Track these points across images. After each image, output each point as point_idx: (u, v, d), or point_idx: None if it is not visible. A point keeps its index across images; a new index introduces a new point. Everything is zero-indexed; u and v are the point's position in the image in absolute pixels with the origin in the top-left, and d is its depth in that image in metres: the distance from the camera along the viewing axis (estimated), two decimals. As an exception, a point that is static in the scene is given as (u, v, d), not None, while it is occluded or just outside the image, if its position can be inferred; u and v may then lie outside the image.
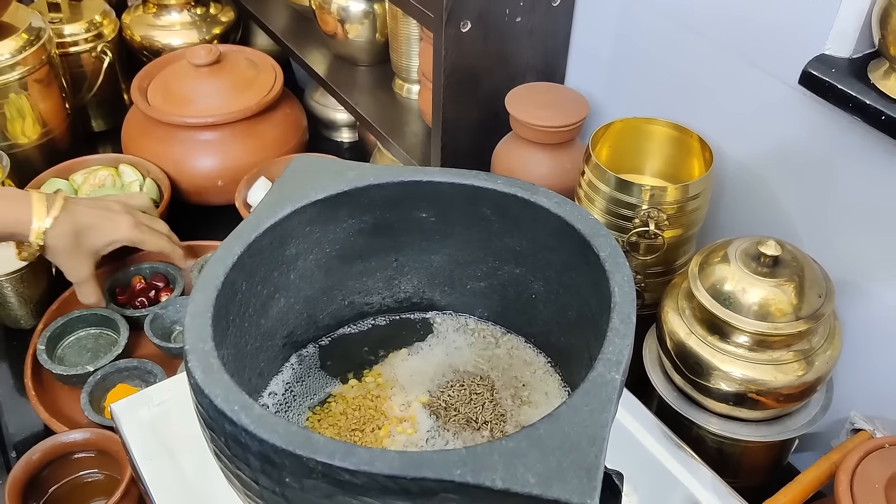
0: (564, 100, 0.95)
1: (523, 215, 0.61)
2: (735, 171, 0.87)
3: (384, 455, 0.43)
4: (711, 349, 0.73)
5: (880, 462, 0.68)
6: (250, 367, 0.62)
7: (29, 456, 0.79)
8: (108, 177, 1.16)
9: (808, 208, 0.81)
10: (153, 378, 0.90)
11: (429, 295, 0.71)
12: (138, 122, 1.21)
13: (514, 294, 0.68)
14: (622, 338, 0.50)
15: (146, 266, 1.05)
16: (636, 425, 0.70)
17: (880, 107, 0.66)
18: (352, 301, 0.70)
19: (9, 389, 0.96)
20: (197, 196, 1.20)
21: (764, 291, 0.71)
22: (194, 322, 0.51)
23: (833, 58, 0.71)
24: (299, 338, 0.68)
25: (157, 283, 1.04)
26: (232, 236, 0.57)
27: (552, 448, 0.44)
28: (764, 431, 0.76)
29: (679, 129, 0.87)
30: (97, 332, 0.98)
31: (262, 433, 0.45)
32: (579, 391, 0.47)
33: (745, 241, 0.74)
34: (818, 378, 0.73)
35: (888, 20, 0.65)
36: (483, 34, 0.93)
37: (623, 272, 0.54)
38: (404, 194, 0.64)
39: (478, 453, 0.44)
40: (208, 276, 0.54)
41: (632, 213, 0.80)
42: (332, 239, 0.65)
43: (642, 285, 0.85)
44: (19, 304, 0.99)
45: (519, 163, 0.95)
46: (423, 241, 0.67)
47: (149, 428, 0.69)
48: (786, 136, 0.80)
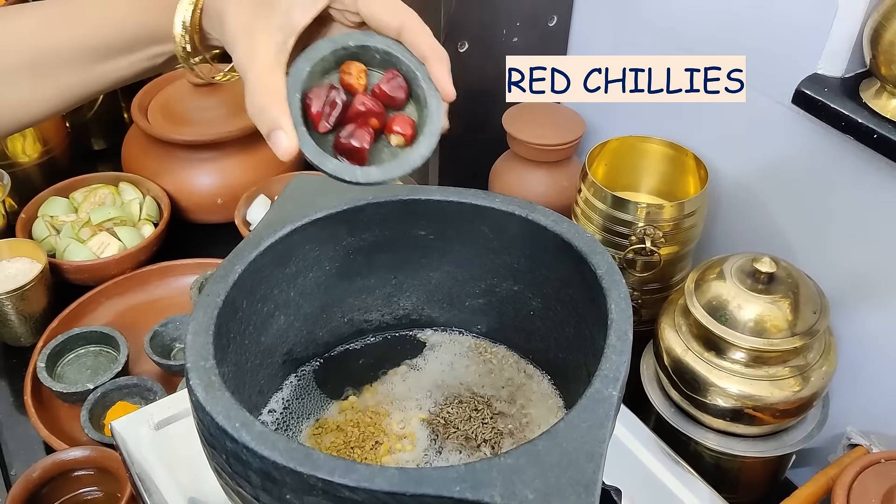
0: (561, 119, 0.96)
1: (521, 233, 0.62)
2: (730, 188, 0.88)
3: (384, 472, 0.44)
4: (708, 365, 0.74)
5: (876, 477, 0.68)
6: (250, 385, 0.62)
7: (29, 473, 0.79)
8: (109, 195, 1.17)
9: (803, 225, 0.82)
10: (153, 395, 0.91)
11: (427, 312, 0.72)
12: (138, 140, 1.22)
13: (512, 311, 0.68)
14: (619, 354, 0.51)
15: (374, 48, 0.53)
16: (634, 441, 0.71)
17: (872, 125, 0.67)
18: (351, 318, 0.70)
19: (8, 407, 0.96)
20: (196, 214, 1.20)
21: (759, 308, 0.71)
22: (196, 340, 0.52)
23: (825, 77, 0.72)
24: (299, 355, 0.68)
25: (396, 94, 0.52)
26: (233, 255, 0.58)
27: (550, 464, 0.44)
28: (761, 447, 0.76)
29: (674, 148, 0.88)
30: (97, 349, 0.99)
31: (263, 450, 0.45)
32: (577, 408, 0.48)
33: (740, 257, 0.75)
34: (814, 393, 0.73)
35: (879, 40, 0.66)
36: (480, 54, 0.94)
37: (620, 289, 0.54)
38: (403, 213, 0.64)
39: (477, 470, 0.44)
40: (209, 294, 0.55)
41: (628, 231, 0.81)
42: (331, 257, 0.65)
43: (639, 302, 0.86)
44: (20, 321, 0.99)
45: (516, 181, 0.96)
46: (422, 258, 0.68)
47: (149, 445, 0.69)
48: (780, 154, 0.81)
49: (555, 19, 0.98)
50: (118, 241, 1.09)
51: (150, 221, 1.14)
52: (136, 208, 1.15)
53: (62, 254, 1.07)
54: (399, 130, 0.52)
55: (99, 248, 1.08)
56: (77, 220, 1.12)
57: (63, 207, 1.15)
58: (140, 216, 1.14)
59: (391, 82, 0.52)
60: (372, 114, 0.52)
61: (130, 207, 1.15)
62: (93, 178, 1.20)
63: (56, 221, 1.12)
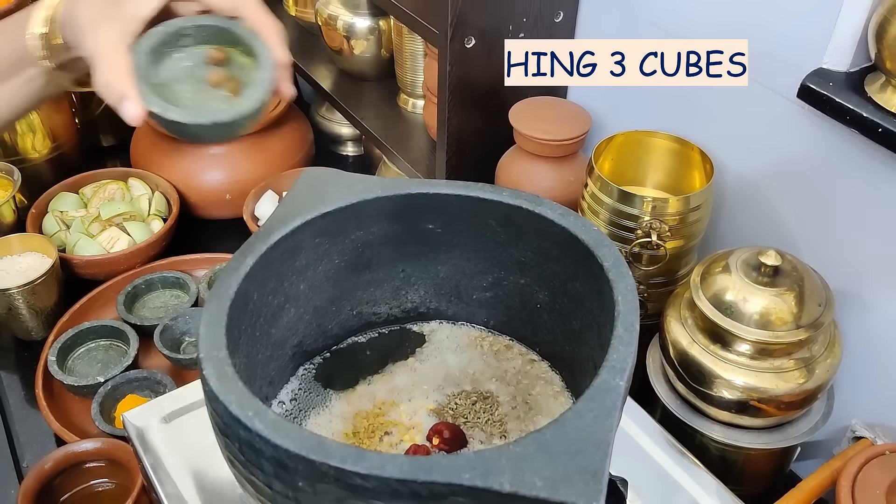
0: (567, 114, 0.97)
1: (528, 226, 0.63)
2: (735, 182, 0.88)
3: (395, 459, 0.44)
4: (713, 358, 0.74)
5: (881, 469, 0.69)
6: (261, 376, 0.63)
7: (42, 465, 0.80)
8: (118, 190, 1.18)
9: (808, 219, 0.82)
10: (163, 388, 0.92)
11: (435, 305, 0.72)
12: (147, 136, 1.23)
13: (519, 304, 0.69)
14: (626, 346, 0.51)
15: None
16: (640, 433, 0.71)
17: (877, 119, 0.68)
18: (360, 311, 0.71)
19: (20, 400, 0.97)
20: (205, 210, 1.21)
21: (764, 301, 0.72)
22: (209, 331, 0.52)
23: (831, 72, 0.73)
24: (308, 347, 0.69)
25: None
26: (244, 248, 0.59)
27: (558, 452, 0.45)
28: (766, 439, 0.77)
29: (680, 142, 0.88)
30: (107, 343, 1.00)
31: (276, 438, 0.46)
32: (584, 397, 0.48)
33: (745, 251, 0.76)
34: (819, 386, 0.74)
35: (884, 35, 0.66)
36: (487, 50, 0.94)
37: (626, 281, 0.55)
38: (411, 206, 0.65)
39: (486, 458, 0.45)
40: (222, 286, 0.56)
41: (634, 225, 0.81)
42: (340, 250, 0.66)
43: (645, 295, 0.86)
44: (31, 315, 1.00)
45: (523, 175, 0.97)
46: (430, 252, 0.68)
47: (161, 436, 0.70)
48: (785, 149, 0.81)
49: (561, 15, 0.99)
50: (127, 236, 1.10)
51: (158, 217, 1.15)
52: (145, 204, 1.16)
53: (72, 249, 1.08)
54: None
55: (108, 243, 1.09)
56: (87, 216, 1.13)
57: (73, 203, 1.16)
58: (149, 211, 1.15)
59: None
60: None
61: (139, 203, 1.16)
62: (102, 174, 1.21)
63: (66, 217, 1.13)
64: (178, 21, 0.58)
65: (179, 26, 0.57)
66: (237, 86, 0.58)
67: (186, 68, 0.58)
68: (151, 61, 0.56)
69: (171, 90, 0.57)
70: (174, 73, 0.58)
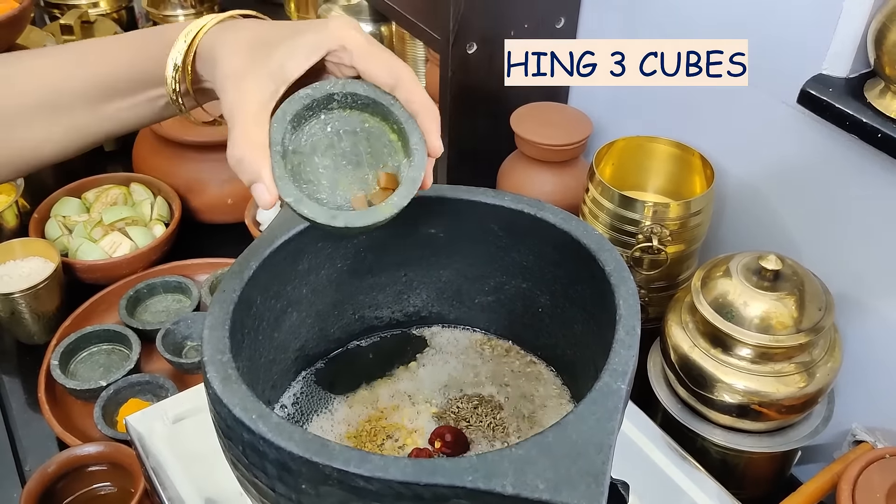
0: (568, 119, 0.97)
1: (530, 231, 0.63)
2: (736, 187, 0.88)
3: (398, 462, 0.45)
4: (714, 362, 0.74)
5: (881, 472, 0.69)
6: (264, 380, 0.63)
7: (45, 468, 0.80)
8: (120, 195, 1.18)
9: (808, 223, 0.82)
10: (165, 393, 0.92)
11: (437, 309, 0.73)
12: (149, 141, 1.23)
13: (521, 308, 0.69)
14: (627, 349, 0.52)
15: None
16: (642, 437, 0.71)
17: (876, 125, 0.68)
18: (362, 315, 0.71)
19: (22, 404, 0.97)
20: (207, 214, 1.21)
21: (765, 305, 0.72)
22: (212, 334, 0.53)
23: (830, 77, 0.73)
24: (311, 351, 0.69)
25: None
26: (247, 252, 0.59)
27: (560, 455, 0.45)
28: (767, 442, 0.77)
29: (681, 147, 0.88)
30: (109, 347, 1.00)
31: (280, 441, 0.46)
32: (586, 400, 0.48)
33: (746, 255, 0.76)
34: (819, 390, 0.74)
35: (883, 41, 0.67)
36: (488, 55, 0.95)
37: (628, 285, 0.55)
38: (413, 211, 0.65)
39: (489, 460, 0.45)
40: (225, 289, 0.56)
41: (635, 229, 0.82)
42: (342, 254, 0.66)
43: (646, 300, 0.87)
44: (33, 319, 1.01)
45: (524, 180, 0.97)
46: (432, 256, 0.69)
47: (163, 440, 0.70)
48: (785, 154, 0.82)
49: (562, 21, 0.99)
50: (130, 241, 1.10)
51: (161, 221, 1.15)
52: (147, 208, 1.16)
53: (75, 253, 1.08)
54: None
55: (111, 247, 1.09)
56: (89, 220, 1.13)
57: (75, 207, 1.16)
58: (151, 216, 1.15)
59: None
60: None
61: (142, 207, 1.16)
62: (104, 179, 1.21)
63: (68, 221, 1.14)
64: (328, 85, 0.51)
65: (329, 92, 0.51)
66: (383, 175, 0.53)
67: (328, 137, 0.52)
68: (291, 127, 0.51)
69: (308, 161, 0.52)
70: (314, 139, 0.52)
